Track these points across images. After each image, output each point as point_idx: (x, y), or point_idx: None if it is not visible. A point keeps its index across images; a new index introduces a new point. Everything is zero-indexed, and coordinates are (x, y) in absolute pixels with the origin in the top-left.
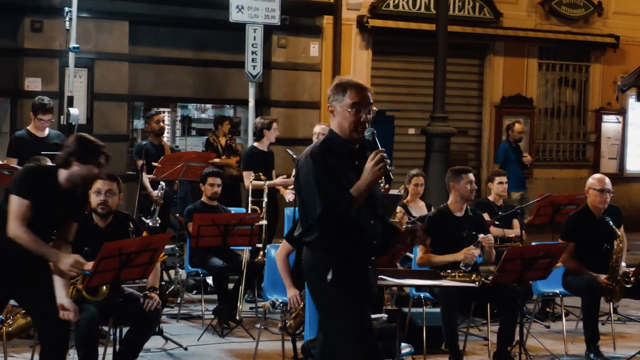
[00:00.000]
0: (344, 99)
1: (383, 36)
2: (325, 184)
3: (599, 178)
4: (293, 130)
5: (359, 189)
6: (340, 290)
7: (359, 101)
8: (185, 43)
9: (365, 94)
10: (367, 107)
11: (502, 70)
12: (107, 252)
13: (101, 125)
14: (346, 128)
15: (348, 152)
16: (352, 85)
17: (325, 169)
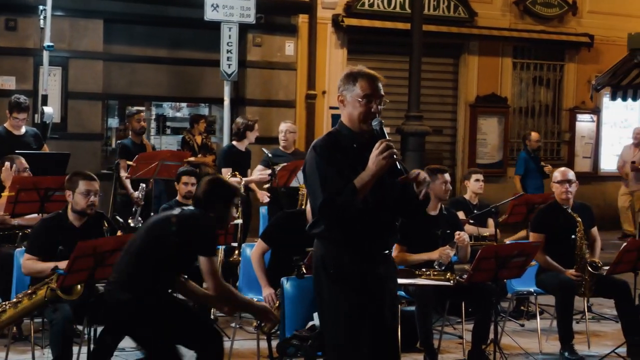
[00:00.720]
0: (355, 89)
1: (358, 35)
2: (327, 175)
3: (561, 170)
4: (268, 129)
5: (362, 180)
6: (338, 283)
7: (370, 92)
8: (160, 41)
9: (376, 85)
10: (378, 98)
11: (477, 69)
12: (81, 251)
13: (75, 123)
14: (355, 119)
15: (357, 144)
16: (363, 75)
17: (329, 161)
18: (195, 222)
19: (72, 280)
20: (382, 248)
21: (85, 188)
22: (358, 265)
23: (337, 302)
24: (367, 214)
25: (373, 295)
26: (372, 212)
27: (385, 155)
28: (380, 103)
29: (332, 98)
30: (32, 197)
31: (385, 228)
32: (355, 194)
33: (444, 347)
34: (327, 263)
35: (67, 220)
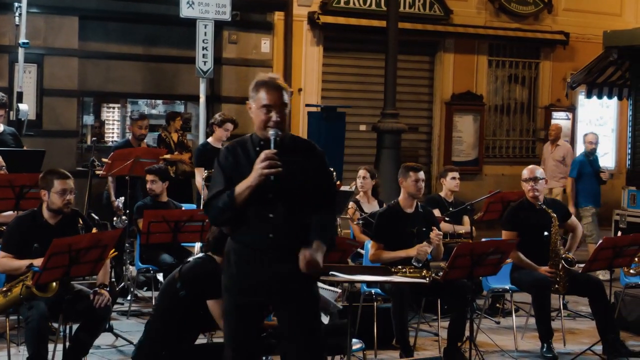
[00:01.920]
0: (258, 97)
1: (334, 32)
2: (216, 177)
3: (529, 168)
4: (244, 127)
5: (241, 186)
6: (223, 279)
7: (268, 103)
8: (136, 38)
9: (276, 95)
10: (278, 108)
11: (453, 67)
12: (56, 248)
13: (51, 121)
14: (257, 125)
15: (260, 148)
16: (265, 85)
17: (223, 163)
18: (197, 271)
19: (48, 277)
20: (268, 249)
21: (60, 187)
22: (236, 264)
23: (223, 293)
24: (249, 217)
25: (258, 295)
26: (255, 215)
27: (263, 166)
28: (282, 112)
29: (308, 96)
30: (7, 194)
31: (268, 231)
32: (233, 199)
33: (420, 344)
34: (226, 259)
35: (42, 217)
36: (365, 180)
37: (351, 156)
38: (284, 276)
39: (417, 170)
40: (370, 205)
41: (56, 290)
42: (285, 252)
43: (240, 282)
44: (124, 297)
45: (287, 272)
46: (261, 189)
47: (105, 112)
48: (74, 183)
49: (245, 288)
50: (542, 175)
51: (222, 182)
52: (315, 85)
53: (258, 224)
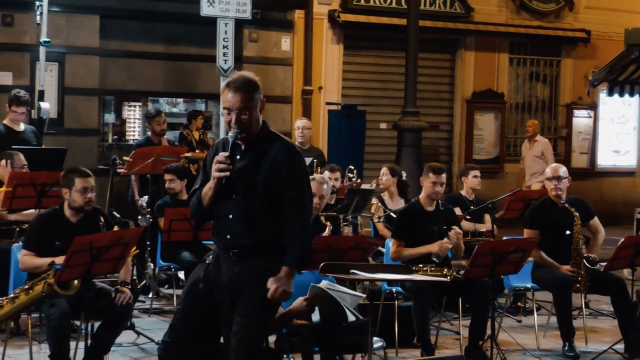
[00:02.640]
0: (221, 100)
1: (354, 31)
2: (200, 175)
3: (553, 167)
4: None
5: (205, 189)
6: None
7: (226, 106)
8: (156, 37)
9: (235, 97)
10: (237, 110)
11: (473, 65)
12: (78, 246)
13: (72, 119)
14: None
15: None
16: (227, 86)
17: (206, 161)
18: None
19: (69, 275)
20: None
21: (82, 185)
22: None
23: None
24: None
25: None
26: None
27: (215, 169)
28: (244, 113)
29: (328, 94)
30: (29, 192)
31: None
32: (199, 198)
33: (441, 343)
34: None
35: (64, 215)
36: (385, 178)
37: (372, 154)
38: (239, 280)
39: (437, 173)
40: (395, 203)
41: (78, 288)
42: (241, 254)
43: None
44: (146, 294)
45: (239, 275)
46: (227, 190)
47: (126, 110)
48: (95, 181)
49: (215, 287)
50: (566, 174)
51: (200, 181)
52: (336, 83)
53: (220, 224)
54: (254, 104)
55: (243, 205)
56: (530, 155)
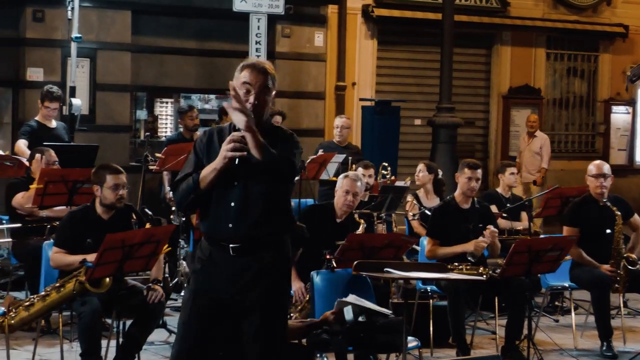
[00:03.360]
0: (239, 77)
1: (388, 25)
2: (187, 161)
3: (596, 164)
4: (297, 121)
5: (206, 170)
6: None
7: (249, 82)
8: (188, 33)
9: (258, 76)
10: (258, 90)
11: (510, 60)
12: (110, 243)
13: (104, 115)
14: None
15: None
16: (250, 66)
17: (196, 147)
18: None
19: (101, 273)
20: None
21: (113, 182)
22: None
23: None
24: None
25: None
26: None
27: (229, 148)
28: (261, 98)
29: (362, 90)
30: (60, 189)
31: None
32: (197, 182)
33: (477, 343)
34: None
35: (95, 213)
36: (421, 175)
37: (406, 151)
38: (245, 272)
39: (473, 168)
40: (430, 201)
41: (109, 286)
42: (246, 244)
43: (202, 278)
44: (178, 292)
45: (248, 267)
46: (228, 176)
47: (158, 107)
48: (126, 178)
49: (207, 285)
50: (609, 171)
51: (192, 165)
52: (369, 79)
53: (220, 212)
54: (273, 90)
55: (249, 192)
56: (528, 150)
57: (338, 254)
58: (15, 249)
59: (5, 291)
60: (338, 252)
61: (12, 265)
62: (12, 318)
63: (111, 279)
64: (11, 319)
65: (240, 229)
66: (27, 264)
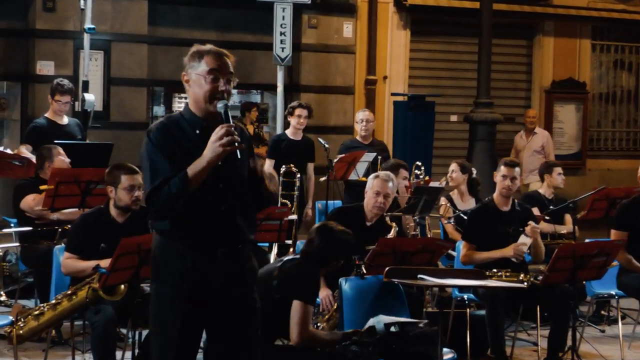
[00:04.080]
0: (200, 65)
1: (422, 15)
2: (157, 162)
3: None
4: (325, 117)
5: (195, 168)
6: (159, 282)
7: (216, 67)
8: (209, 23)
9: (224, 61)
10: (226, 76)
11: (553, 51)
12: (125, 248)
13: (119, 112)
14: (201, 99)
15: (201, 129)
16: (209, 52)
17: (161, 146)
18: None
19: (115, 279)
20: (222, 244)
21: (128, 183)
22: (183, 262)
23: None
24: (201, 204)
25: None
26: (208, 201)
27: (224, 142)
28: (229, 82)
29: (394, 84)
30: (73, 190)
31: (226, 221)
32: (186, 183)
33: (517, 355)
34: (155, 259)
35: (109, 215)
36: (454, 175)
37: (441, 149)
38: (233, 277)
39: (509, 166)
40: (465, 203)
41: (125, 294)
42: (235, 250)
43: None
44: None
45: (236, 272)
46: (212, 177)
47: (177, 102)
48: (143, 178)
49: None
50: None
51: (166, 168)
52: (402, 72)
53: (208, 218)
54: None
55: (237, 194)
56: (528, 149)
57: (368, 259)
58: (24, 254)
59: (14, 299)
60: (368, 257)
61: (21, 271)
62: (21, 328)
63: (126, 286)
64: (20, 329)
65: (233, 234)
66: (36, 270)
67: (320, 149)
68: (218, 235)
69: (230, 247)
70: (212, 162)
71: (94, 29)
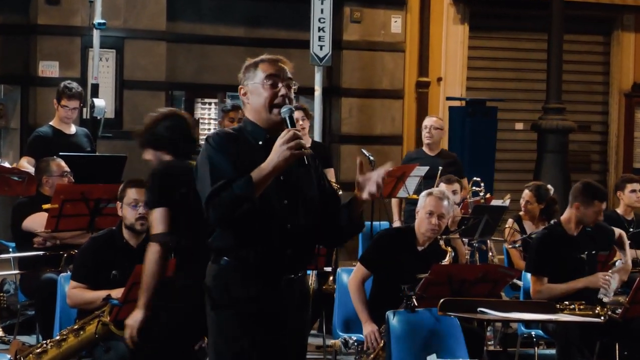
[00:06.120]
0: (256, 74)
1: (482, 7)
2: (219, 165)
3: None
4: (369, 125)
5: (261, 171)
6: (222, 314)
7: (274, 72)
8: (235, 18)
9: (280, 66)
10: (285, 81)
11: (633, 49)
12: (139, 276)
13: (133, 119)
14: (261, 108)
15: (264, 140)
16: (263, 59)
17: (223, 151)
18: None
19: (128, 312)
20: (286, 270)
21: (133, 197)
22: (247, 290)
23: (220, 339)
24: (263, 221)
25: (266, 333)
26: (271, 218)
27: (292, 146)
28: (289, 88)
29: (450, 87)
30: (80, 209)
31: (292, 242)
32: (252, 187)
33: None
34: (216, 287)
35: (122, 238)
36: (530, 207)
37: (504, 162)
38: (297, 304)
39: (604, 200)
40: (535, 226)
41: None
42: (300, 274)
43: (248, 315)
44: None
45: (299, 298)
46: (277, 193)
47: (199, 108)
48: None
49: (259, 320)
50: None
51: (230, 169)
52: (459, 73)
53: (272, 237)
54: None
55: (304, 211)
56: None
57: (420, 289)
58: (24, 284)
59: (12, 335)
60: (420, 287)
61: (20, 303)
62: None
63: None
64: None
65: (299, 256)
66: (38, 301)
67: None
68: (282, 257)
69: (293, 274)
70: (278, 167)
71: (104, 24)
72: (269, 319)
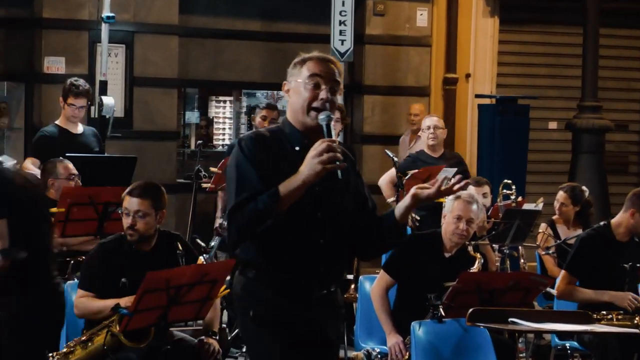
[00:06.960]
0: (301, 71)
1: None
2: (246, 175)
3: None
4: (393, 124)
5: (289, 185)
6: (262, 329)
7: (318, 72)
8: (252, 11)
9: (328, 67)
10: (329, 84)
11: None
12: (151, 284)
13: (144, 118)
14: (299, 109)
15: (301, 146)
16: (312, 57)
17: (251, 157)
18: None
19: (139, 322)
20: (317, 286)
21: (125, 205)
22: (275, 308)
23: (264, 351)
24: (295, 234)
25: (302, 348)
26: (304, 231)
27: (324, 160)
28: (334, 92)
29: (479, 83)
30: (88, 214)
31: (325, 258)
32: (277, 201)
33: None
34: (243, 299)
35: (132, 244)
36: (564, 209)
37: (537, 163)
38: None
39: None
40: (570, 231)
41: (151, 340)
42: (331, 291)
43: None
44: (238, 347)
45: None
46: (310, 205)
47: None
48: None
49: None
50: None
51: (256, 181)
52: (489, 69)
53: (303, 252)
54: (341, 88)
55: (337, 226)
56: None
57: (447, 298)
58: None
59: None
60: (447, 296)
61: None
62: None
63: (153, 331)
64: None
65: (332, 272)
66: None
67: (385, 161)
68: (314, 272)
69: (326, 289)
70: (308, 181)
71: (113, 17)
72: (300, 336)
